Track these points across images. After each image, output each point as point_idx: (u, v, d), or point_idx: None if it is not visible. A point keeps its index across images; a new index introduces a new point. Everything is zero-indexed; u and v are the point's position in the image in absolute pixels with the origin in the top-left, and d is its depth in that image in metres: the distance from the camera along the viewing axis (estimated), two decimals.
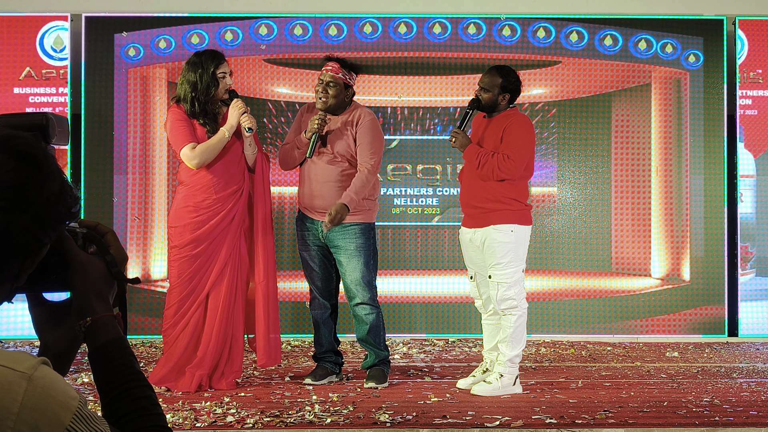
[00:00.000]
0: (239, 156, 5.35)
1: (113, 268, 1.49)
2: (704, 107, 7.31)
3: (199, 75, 5.23)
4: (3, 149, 1.32)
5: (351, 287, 5.42)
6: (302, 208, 5.51)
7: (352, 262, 5.38)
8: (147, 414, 1.42)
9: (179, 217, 5.28)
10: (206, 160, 5.24)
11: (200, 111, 5.26)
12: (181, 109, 5.28)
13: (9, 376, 1.23)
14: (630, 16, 7.35)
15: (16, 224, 1.31)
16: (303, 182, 5.47)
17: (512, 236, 5.20)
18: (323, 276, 5.50)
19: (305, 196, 5.45)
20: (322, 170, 5.39)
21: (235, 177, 5.33)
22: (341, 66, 5.40)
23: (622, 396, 5.14)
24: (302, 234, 5.51)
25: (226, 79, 5.30)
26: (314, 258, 5.48)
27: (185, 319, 5.23)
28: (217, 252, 5.26)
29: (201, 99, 5.25)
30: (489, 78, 5.34)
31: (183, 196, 5.30)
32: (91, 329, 1.47)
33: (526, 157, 5.26)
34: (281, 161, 5.57)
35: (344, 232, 5.37)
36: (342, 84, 5.38)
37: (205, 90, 5.24)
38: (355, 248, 5.38)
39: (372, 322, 5.44)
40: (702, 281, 7.27)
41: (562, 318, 7.26)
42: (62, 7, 7.25)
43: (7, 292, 1.38)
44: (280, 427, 4.43)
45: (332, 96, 5.37)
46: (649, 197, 7.35)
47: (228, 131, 5.24)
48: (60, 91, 7.14)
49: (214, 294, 5.25)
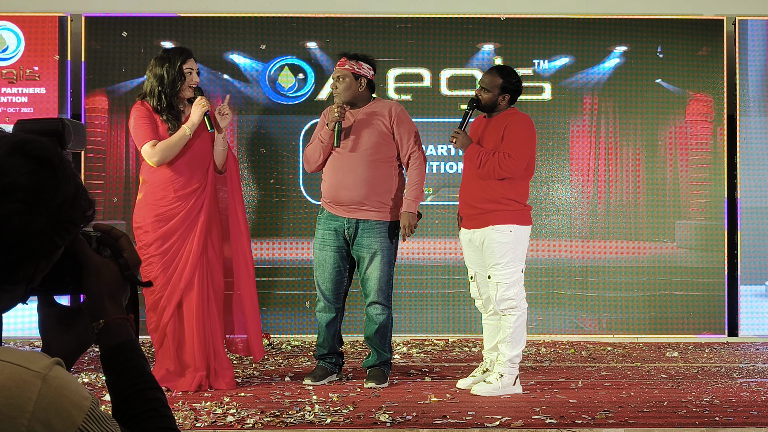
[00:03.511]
0: (201, 154, 5.31)
1: (126, 271, 1.51)
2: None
3: (166, 69, 5.23)
4: (19, 153, 1.33)
5: (369, 285, 5.43)
6: (326, 203, 5.49)
7: (375, 261, 5.40)
8: (157, 415, 1.44)
9: (142, 216, 5.25)
10: (167, 158, 5.20)
11: (166, 106, 5.24)
12: (146, 106, 5.27)
13: (24, 375, 1.24)
14: (630, 16, 7.36)
15: (31, 226, 1.33)
16: (328, 176, 5.46)
17: (511, 236, 5.21)
18: (335, 279, 5.47)
19: (330, 189, 5.43)
20: (350, 161, 5.38)
21: (197, 175, 5.28)
22: (348, 58, 5.44)
23: (622, 396, 5.14)
24: (322, 234, 5.48)
25: (193, 76, 5.29)
26: (329, 260, 5.46)
27: (164, 320, 5.20)
28: (184, 250, 5.22)
29: (167, 92, 5.23)
30: (489, 78, 5.35)
31: (144, 194, 5.28)
32: (104, 331, 1.49)
33: (528, 156, 5.27)
34: (306, 161, 5.56)
35: (371, 230, 5.39)
36: (351, 74, 5.41)
37: (171, 83, 5.23)
38: (379, 247, 5.40)
39: (381, 322, 5.45)
40: (702, 281, 7.28)
41: (562, 318, 7.27)
42: (62, 6, 7.25)
43: (22, 294, 1.39)
44: (280, 427, 4.43)
45: (344, 89, 5.40)
46: (647, 197, 7.37)
47: (190, 129, 5.21)
48: (3, 91, 7.13)
49: (187, 300, 5.22)
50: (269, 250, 7.23)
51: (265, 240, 7.23)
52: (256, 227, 7.21)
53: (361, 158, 5.39)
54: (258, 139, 7.28)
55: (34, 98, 7.15)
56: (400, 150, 5.47)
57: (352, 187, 5.37)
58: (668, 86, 7.38)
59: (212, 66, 7.24)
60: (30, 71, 7.16)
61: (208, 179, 5.31)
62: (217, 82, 7.26)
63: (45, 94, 7.15)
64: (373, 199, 5.40)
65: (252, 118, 7.30)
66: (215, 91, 7.24)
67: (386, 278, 5.44)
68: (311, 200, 7.23)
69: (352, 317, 6.40)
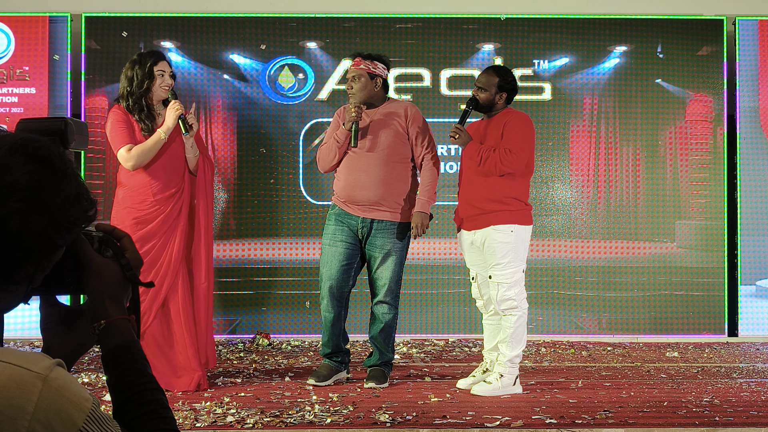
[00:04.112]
0: (179, 158, 5.29)
1: (128, 271, 1.51)
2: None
3: (136, 70, 5.24)
4: (20, 152, 1.33)
5: (378, 284, 5.43)
6: (340, 202, 5.47)
7: (387, 261, 5.40)
8: (158, 417, 1.44)
9: (120, 219, 5.23)
10: (142, 162, 5.19)
11: (135, 106, 5.23)
12: (122, 109, 5.27)
13: (25, 376, 1.24)
14: (630, 16, 7.36)
15: (32, 226, 1.32)
16: (343, 175, 5.44)
17: (512, 236, 5.21)
18: (342, 277, 5.45)
19: (346, 188, 5.41)
20: (367, 161, 5.38)
21: (174, 179, 5.27)
22: (363, 58, 5.44)
23: (622, 396, 5.14)
24: (334, 229, 5.46)
25: (165, 78, 5.27)
26: (339, 255, 5.42)
27: (149, 323, 5.19)
28: (165, 254, 5.22)
29: (136, 92, 5.22)
30: (486, 77, 5.36)
31: (122, 197, 5.27)
32: (105, 332, 1.49)
33: (528, 151, 5.27)
34: (320, 161, 5.53)
35: (385, 231, 5.39)
36: (366, 74, 5.41)
37: (140, 83, 5.23)
38: (392, 248, 5.40)
39: (387, 322, 5.45)
40: (702, 281, 7.28)
41: (562, 318, 7.27)
42: (62, 6, 7.25)
43: (23, 294, 1.39)
44: (280, 427, 4.43)
45: (359, 89, 5.40)
46: (644, 197, 7.37)
47: (165, 132, 5.20)
48: None
49: (173, 303, 5.21)
50: (269, 250, 7.23)
51: (265, 240, 7.23)
52: (256, 227, 7.22)
53: (378, 158, 5.39)
54: (258, 139, 7.28)
55: (24, 98, 7.15)
56: (414, 150, 5.48)
57: (368, 186, 5.37)
58: (668, 86, 7.38)
59: (212, 66, 7.24)
60: (20, 71, 7.15)
61: (185, 183, 5.31)
62: (217, 82, 7.26)
63: (35, 94, 7.14)
64: (389, 200, 5.40)
65: (252, 118, 7.29)
66: (215, 91, 7.25)
67: (396, 278, 5.44)
68: (311, 200, 7.23)
69: (355, 317, 6.40)
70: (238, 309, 7.19)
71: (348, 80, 5.46)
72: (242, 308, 7.19)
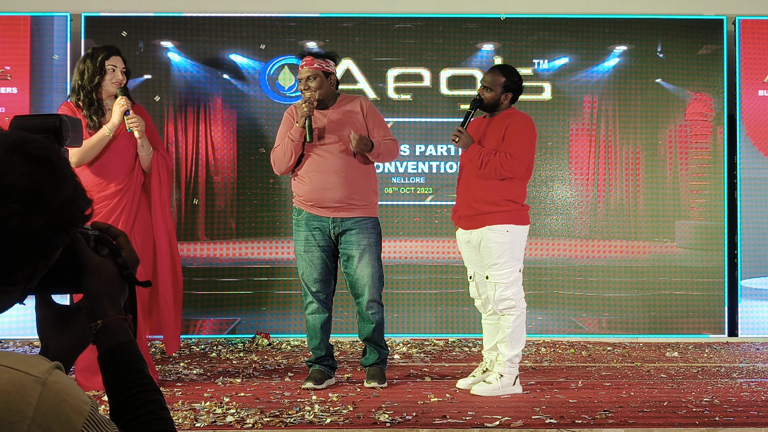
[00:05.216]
0: (124, 155, 5.26)
1: (125, 270, 1.50)
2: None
3: (87, 64, 5.23)
4: (17, 153, 1.32)
5: (360, 284, 5.39)
6: (307, 205, 5.41)
7: (365, 258, 5.37)
8: (156, 418, 1.43)
9: None
10: (85, 159, 5.17)
11: (85, 100, 5.22)
12: (69, 105, 5.25)
13: (24, 379, 1.24)
14: (630, 16, 7.36)
15: (30, 227, 1.32)
16: (308, 177, 5.38)
17: (508, 236, 5.20)
18: (323, 280, 5.43)
19: (314, 191, 5.36)
20: (334, 162, 5.34)
21: (117, 176, 5.24)
22: (314, 57, 5.41)
23: (622, 396, 5.14)
24: (306, 235, 5.42)
25: (116, 73, 5.25)
26: (318, 260, 5.40)
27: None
28: None
29: (86, 86, 5.21)
30: (491, 77, 5.34)
31: None
32: (102, 332, 1.48)
33: (529, 156, 5.26)
34: (276, 163, 5.45)
35: (358, 227, 5.37)
36: (322, 73, 5.37)
37: (91, 78, 5.21)
38: (367, 244, 5.38)
39: (378, 320, 5.44)
40: (702, 281, 7.28)
41: (563, 318, 7.27)
42: (62, 6, 7.24)
43: (20, 294, 1.38)
44: (280, 427, 4.43)
45: (316, 88, 5.35)
46: (643, 198, 7.37)
47: (110, 129, 5.18)
48: None
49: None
50: (269, 250, 7.23)
51: (265, 240, 7.23)
52: (255, 227, 7.22)
53: (344, 158, 5.36)
54: (257, 139, 7.27)
55: (5, 98, 7.12)
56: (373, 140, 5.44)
57: (337, 187, 5.34)
58: (668, 86, 7.37)
59: (212, 66, 7.24)
60: (1, 71, 7.13)
61: (131, 180, 5.26)
62: (216, 82, 7.26)
63: (17, 94, 7.11)
64: (358, 197, 5.38)
65: (251, 118, 7.29)
66: (215, 90, 7.24)
67: (378, 275, 5.42)
68: None
69: (346, 317, 6.40)
70: (237, 309, 7.19)
71: (302, 80, 5.38)
72: (242, 308, 7.19)
